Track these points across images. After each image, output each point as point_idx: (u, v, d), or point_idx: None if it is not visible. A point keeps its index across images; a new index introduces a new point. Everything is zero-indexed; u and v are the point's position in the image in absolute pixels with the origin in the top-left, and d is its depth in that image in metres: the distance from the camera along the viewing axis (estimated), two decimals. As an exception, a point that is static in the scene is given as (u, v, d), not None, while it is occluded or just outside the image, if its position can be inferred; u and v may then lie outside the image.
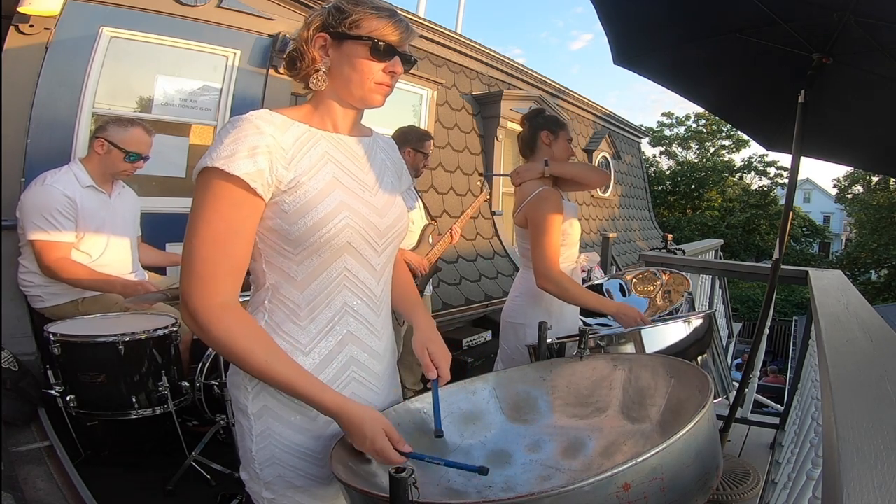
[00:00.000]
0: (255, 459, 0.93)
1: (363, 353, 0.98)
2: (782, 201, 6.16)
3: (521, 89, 6.08)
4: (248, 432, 0.93)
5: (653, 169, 23.65)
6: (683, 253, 5.76)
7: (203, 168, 0.83)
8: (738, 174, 24.34)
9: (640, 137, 10.73)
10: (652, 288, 2.41)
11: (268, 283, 0.92)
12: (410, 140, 2.75)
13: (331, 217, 0.89)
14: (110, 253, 2.21)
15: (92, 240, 2.15)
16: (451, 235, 2.96)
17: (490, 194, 5.10)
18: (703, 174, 23.30)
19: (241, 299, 0.87)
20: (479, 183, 3.52)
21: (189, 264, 0.83)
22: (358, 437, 0.87)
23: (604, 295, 2.33)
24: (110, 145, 2.15)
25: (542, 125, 1.94)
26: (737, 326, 8.87)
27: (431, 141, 2.88)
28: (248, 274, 0.98)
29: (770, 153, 17.94)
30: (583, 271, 2.03)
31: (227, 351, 0.84)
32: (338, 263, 0.93)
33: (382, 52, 0.90)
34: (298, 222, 0.87)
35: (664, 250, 6.04)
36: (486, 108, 5.57)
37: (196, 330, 0.84)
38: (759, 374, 7.02)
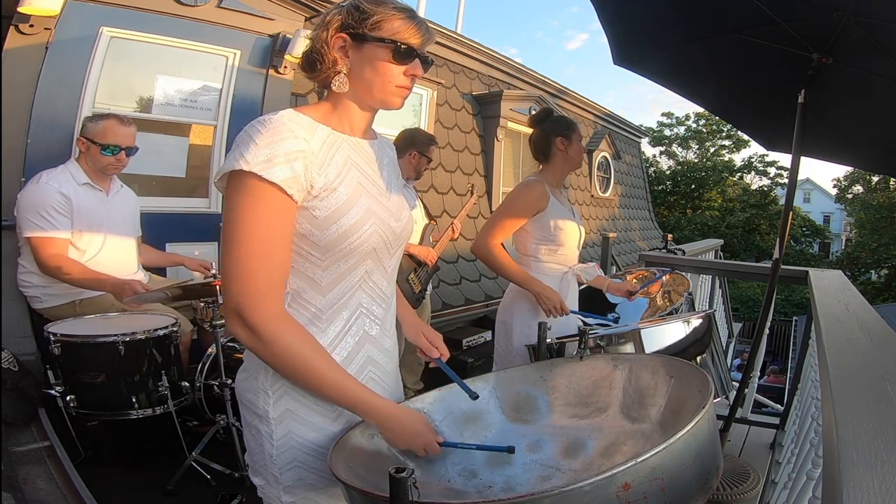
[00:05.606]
0: (276, 464, 0.92)
1: (378, 352, 0.99)
2: (782, 201, 6.15)
3: (521, 89, 6.08)
4: (268, 437, 0.92)
5: (653, 169, 23.64)
6: (683, 253, 5.76)
7: (238, 171, 0.80)
8: (738, 174, 24.34)
9: (640, 137, 10.73)
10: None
11: (290, 288, 0.90)
12: (417, 143, 2.74)
13: (360, 224, 0.89)
14: (107, 251, 2.20)
15: (88, 237, 2.15)
16: (453, 230, 3.00)
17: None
18: (703, 174, 23.29)
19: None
20: (469, 186, 3.65)
21: (240, 276, 0.80)
22: (410, 436, 0.92)
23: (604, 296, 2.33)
24: (88, 142, 2.15)
25: (555, 131, 1.93)
26: (737, 326, 8.87)
27: (436, 145, 2.91)
28: None
29: (770, 153, 17.99)
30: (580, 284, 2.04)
31: (287, 363, 0.83)
32: (360, 268, 0.93)
33: (405, 55, 0.88)
34: (329, 229, 0.87)
35: (664, 250, 6.04)
36: (486, 108, 5.56)
37: (255, 345, 0.83)
38: (758, 373, 7.01)
